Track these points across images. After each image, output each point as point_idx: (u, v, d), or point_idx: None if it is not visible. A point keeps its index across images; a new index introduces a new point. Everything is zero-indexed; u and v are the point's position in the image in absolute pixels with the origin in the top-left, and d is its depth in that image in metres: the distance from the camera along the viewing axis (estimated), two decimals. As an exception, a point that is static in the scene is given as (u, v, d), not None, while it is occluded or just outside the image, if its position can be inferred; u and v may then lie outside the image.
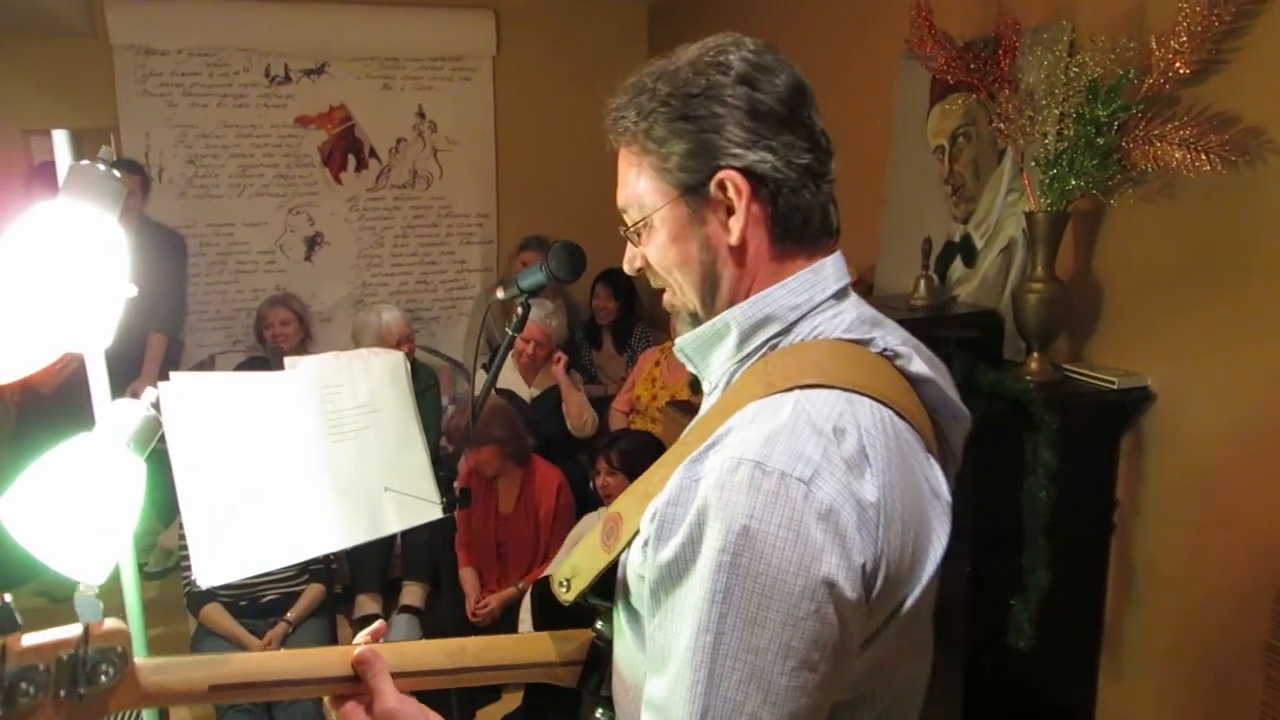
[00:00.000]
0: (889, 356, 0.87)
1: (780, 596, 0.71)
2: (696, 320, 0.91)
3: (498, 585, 3.31)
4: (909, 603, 0.79)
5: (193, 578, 1.58)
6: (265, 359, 4.09)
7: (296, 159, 4.46)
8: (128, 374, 3.67)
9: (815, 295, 0.87)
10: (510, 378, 3.94)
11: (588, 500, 3.41)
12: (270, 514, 1.49)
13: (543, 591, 2.97)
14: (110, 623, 0.81)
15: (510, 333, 1.47)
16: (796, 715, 0.72)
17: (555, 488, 3.30)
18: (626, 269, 0.95)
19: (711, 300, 0.89)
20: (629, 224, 0.93)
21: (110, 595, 1.28)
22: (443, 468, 1.76)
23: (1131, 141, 1.98)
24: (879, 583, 0.75)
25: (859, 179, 3.01)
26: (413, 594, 3.51)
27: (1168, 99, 1.97)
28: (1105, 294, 2.22)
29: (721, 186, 0.84)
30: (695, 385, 3.48)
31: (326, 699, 0.95)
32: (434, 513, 1.71)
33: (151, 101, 4.15)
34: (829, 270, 0.88)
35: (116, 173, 1.01)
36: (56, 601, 3.41)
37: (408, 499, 1.68)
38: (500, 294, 1.46)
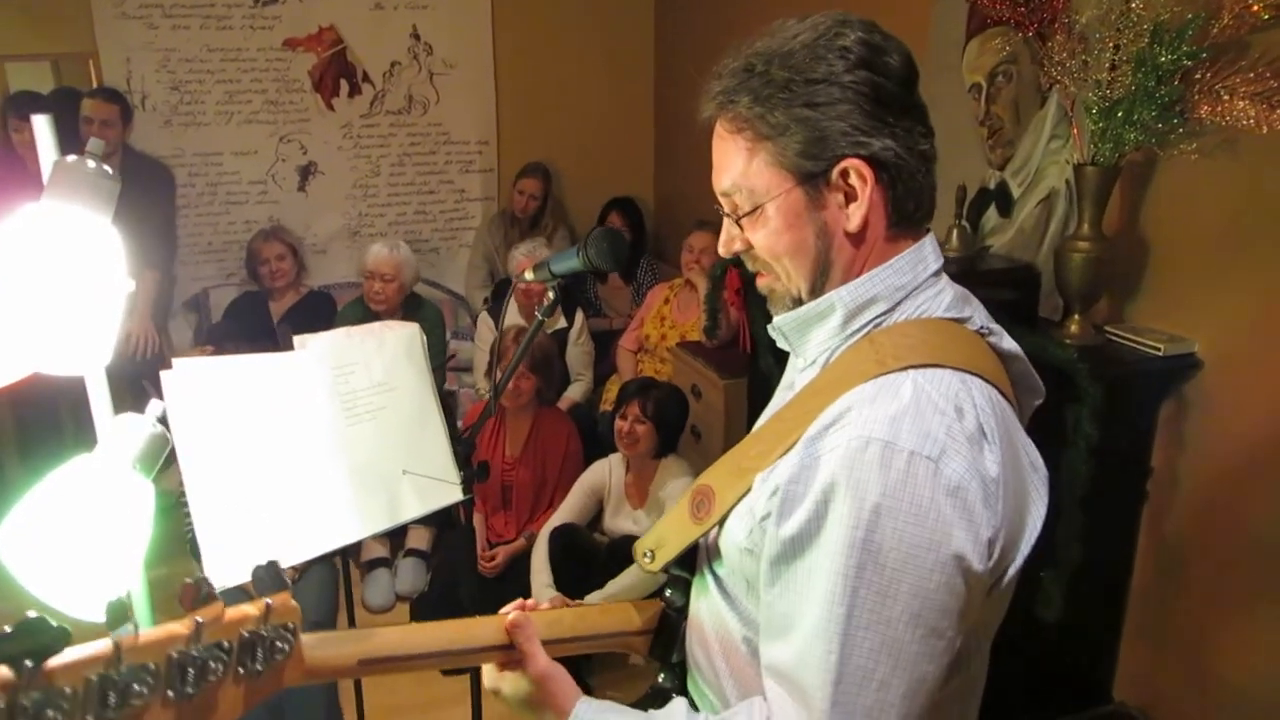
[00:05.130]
0: (983, 334, 0.89)
1: (911, 571, 0.75)
2: (798, 304, 0.91)
3: (505, 529, 3.27)
4: (1012, 569, 0.84)
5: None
6: (259, 293, 3.97)
7: (286, 84, 4.24)
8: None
9: (919, 275, 0.88)
10: (518, 323, 3.83)
11: (597, 445, 3.35)
12: (284, 507, 1.41)
13: (565, 541, 2.90)
14: (284, 599, 0.82)
15: (540, 317, 1.38)
16: (924, 679, 0.77)
17: (565, 434, 3.23)
18: (723, 251, 0.93)
19: (822, 286, 0.89)
20: (735, 209, 0.90)
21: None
22: (461, 442, 1.67)
23: (1197, 92, 1.84)
24: (997, 551, 0.79)
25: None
26: (419, 538, 3.47)
27: (1239, 46, 1.82)
28: (1153, 253, 2.10)
29: (844, 174, 0.84)
30: (709, 331, 3.38)
31: (487, 669, 0.97)
32: (454, 494, 1.63)
33: (131, 24, 3.91)
34: (929, 250, 0.89)
35: (108, 169, 0.89)
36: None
37: (427, 481, 1.60)
38: (530, 275, 1.36)
